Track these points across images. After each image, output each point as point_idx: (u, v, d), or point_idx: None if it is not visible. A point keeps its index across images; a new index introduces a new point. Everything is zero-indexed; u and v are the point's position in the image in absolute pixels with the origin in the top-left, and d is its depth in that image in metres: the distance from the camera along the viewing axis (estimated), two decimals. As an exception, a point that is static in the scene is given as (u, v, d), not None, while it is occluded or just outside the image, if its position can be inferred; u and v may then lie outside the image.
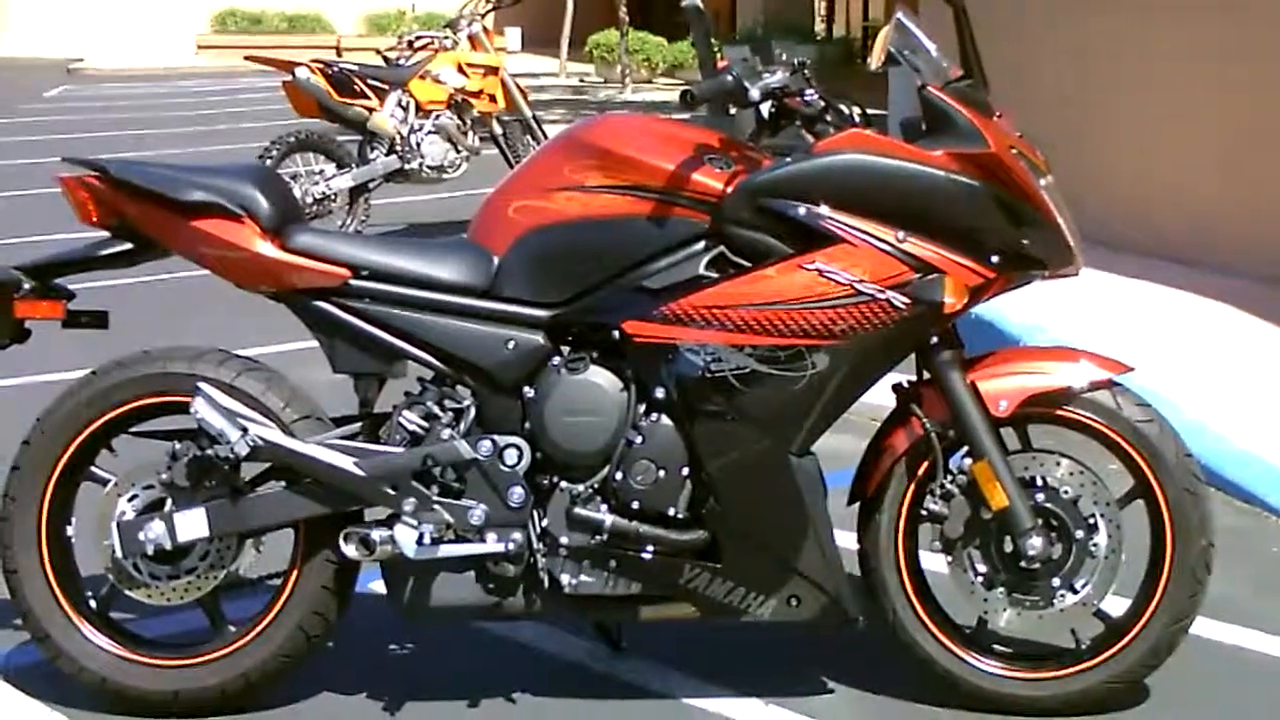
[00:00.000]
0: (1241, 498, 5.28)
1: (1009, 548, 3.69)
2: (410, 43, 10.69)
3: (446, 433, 3.67)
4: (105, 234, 3.81)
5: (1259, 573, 4.78)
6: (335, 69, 10.16)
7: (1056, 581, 3.70)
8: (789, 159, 3.62)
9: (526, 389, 3.67)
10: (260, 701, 3.80)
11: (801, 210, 3.55)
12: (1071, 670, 3.77)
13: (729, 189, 3.59)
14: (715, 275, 3.59)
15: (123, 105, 20.86)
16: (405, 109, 10.24)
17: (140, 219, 3.73)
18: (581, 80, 22.94)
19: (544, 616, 3.81)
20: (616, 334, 3.62)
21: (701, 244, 3.61)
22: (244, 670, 3.74)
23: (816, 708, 3.83)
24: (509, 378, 3.68)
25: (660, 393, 3.63)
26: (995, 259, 3.59)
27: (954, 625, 3.81)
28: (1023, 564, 3.68)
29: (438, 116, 10.27)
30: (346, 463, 3.65)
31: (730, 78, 3.55)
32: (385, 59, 10.66)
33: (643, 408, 3.65)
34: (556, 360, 3.68)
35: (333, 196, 9.90)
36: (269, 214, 3.71)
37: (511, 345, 3.67)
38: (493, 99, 10.50)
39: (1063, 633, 3.81)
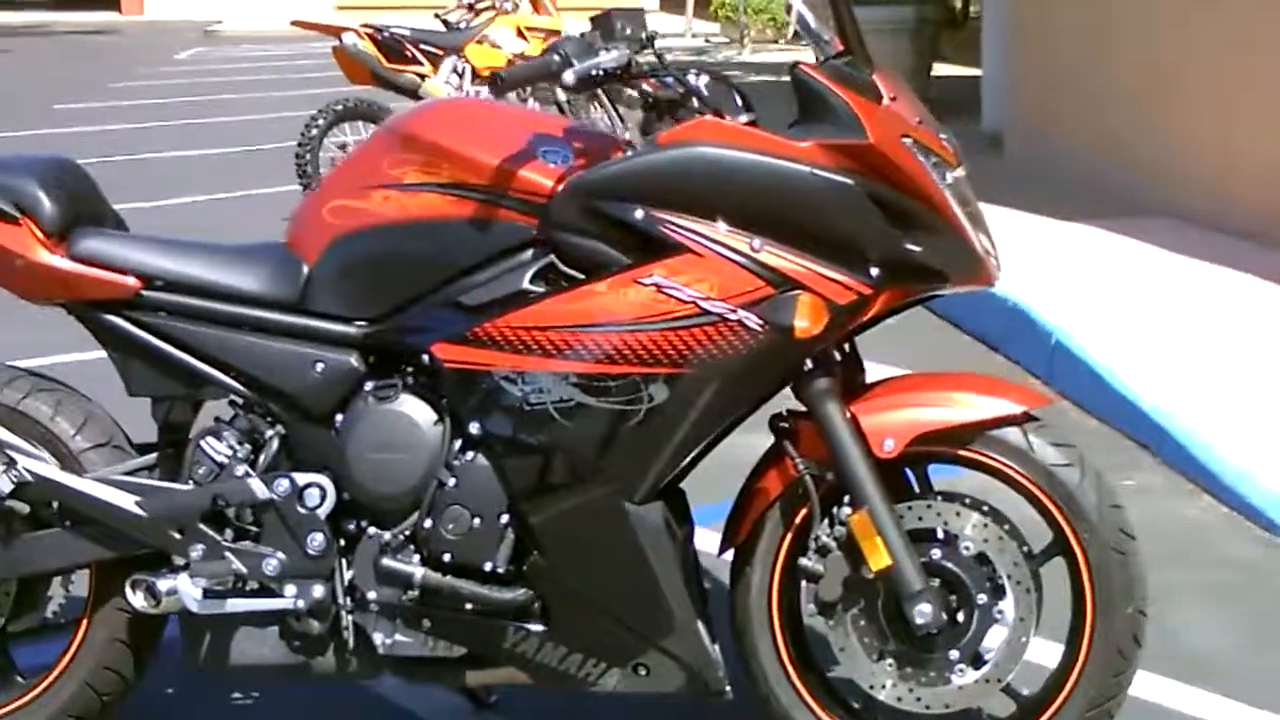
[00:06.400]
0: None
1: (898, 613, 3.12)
2: (470, 5, 10.20)
3: (241, 469, 3.19)
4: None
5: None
6: (385, 34, 9.70)
7: (955, 654, 3.12)
8: (628, 153, 3.07)
9: (339, 418, 3.18)
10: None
11: (638, 213, 2.99)
12: (978, 756, 3.20)
13: (559, 187, 3.05)
14: (541, 290, 3.05)
15: (249, 68, 20.68)
16: (460, 75, 9.77)
17: (-84, 218, 3.29)
18: (707, 40, 22.25)
19: (362, 678, 3.32)
20: (427, 358, 3.11)
21: (529, 253, 3.07)
22: (28, 730, 3.32)
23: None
24: (318, 404, 3.19)
25: (475, 428, 3.10)
26: (875, 271, 3.00)
27: (839, 700, 3.24)
28: (913, 632, 3.10)
29: (495, 83, 9.78)
30: (127, 501, 3.19)
31: (557, 57, 3.01)
32: (445, 23, 10.18)
33: (458, 444, 3.12)
34: (369, 386, 3.17)
35: (382, 167, 9.48)
36: (52, 216, 3.25)
37: (320, 367, 3.18)
38: (554, 65, 9.99)
39: (967, 712, 3.23)
